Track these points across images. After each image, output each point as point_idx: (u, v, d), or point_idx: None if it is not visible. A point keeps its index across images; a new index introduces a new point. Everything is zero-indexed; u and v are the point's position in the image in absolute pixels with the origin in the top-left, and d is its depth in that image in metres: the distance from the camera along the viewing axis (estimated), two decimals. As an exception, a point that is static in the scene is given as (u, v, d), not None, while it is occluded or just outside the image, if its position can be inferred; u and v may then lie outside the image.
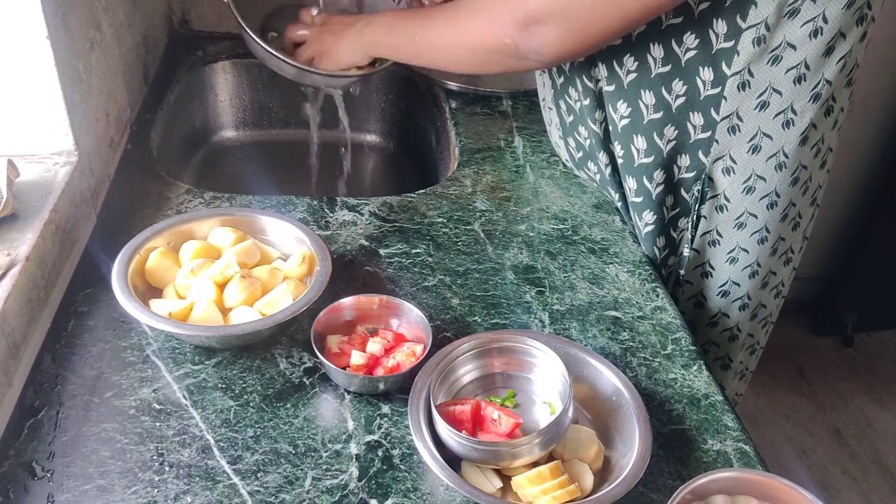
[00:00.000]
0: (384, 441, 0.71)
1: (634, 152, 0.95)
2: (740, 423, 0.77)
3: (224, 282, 0.80)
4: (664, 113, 0.90)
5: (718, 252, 0.99)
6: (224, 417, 0.72)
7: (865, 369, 2.32)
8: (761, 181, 0.92)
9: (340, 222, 0.98)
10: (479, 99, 1.31)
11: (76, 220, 0.88)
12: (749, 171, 0.91)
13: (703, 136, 0.90)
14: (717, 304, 1.04)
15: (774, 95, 0.86)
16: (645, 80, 0.89)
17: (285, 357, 0.79)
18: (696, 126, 0.90)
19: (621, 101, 0.93)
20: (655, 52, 0.87)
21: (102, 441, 0.68)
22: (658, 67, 0.88)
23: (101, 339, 0.78)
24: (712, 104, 0.87)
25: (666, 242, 1.01)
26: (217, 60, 1.41)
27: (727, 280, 1.01)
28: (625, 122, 0.93)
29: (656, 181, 0.96)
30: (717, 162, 0.92)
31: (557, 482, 0.65)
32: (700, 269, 1.02)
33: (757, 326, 1.09)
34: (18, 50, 0.81)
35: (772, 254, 1.00)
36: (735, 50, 0.83)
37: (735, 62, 0.84)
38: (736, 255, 0.98)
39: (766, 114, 0.87)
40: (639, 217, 1.00)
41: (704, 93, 0.87)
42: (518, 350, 0.77)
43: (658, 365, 0.83)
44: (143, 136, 1.13)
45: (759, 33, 0.81)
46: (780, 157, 0.90)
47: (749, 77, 0.85)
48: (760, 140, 0.89)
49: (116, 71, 1.07)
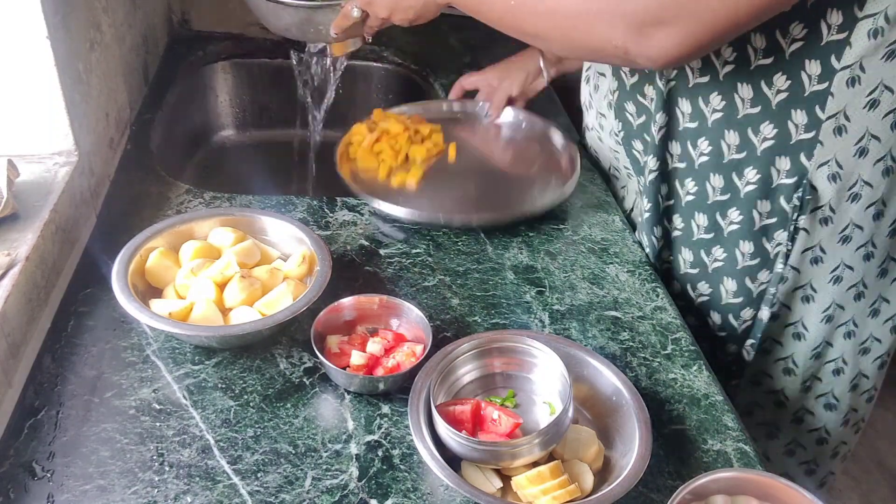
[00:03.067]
0: (384, 441, 0.71)
1: (724, 148, 0.88)
2: (740, 424, 0.77)
3: (224, 282, 0.80)
4: (762, 109, 0.84)
5: (821, 271, 0.91)
6: (224, 417, 0.72)
7: (865, 369, 2.32)
8: (867, 187, 0.84)
9: (340, 222, 0.98)
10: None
11: (76, 220, 0.88)
12: (855, 176, 0.84)
13: (806, 137, 0.83)
14: (818, 329, 0.95)
15: (885, 93, 0.79)
16: (743, 72, 0.83)
17: (285, 357, 0.79)
18: (798, 125, 0.83)
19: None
20: (757, 43, 0.80)
21: (102, 441, 0.68)
22: (759, 59, 0.81)
23: (101, 339, 0.78)
24: (818, 101, 0.81)
25: (755, 250, 0.92)
26: (217, 60, 1.41)
27: (831, 303, 0.93)
28: (717, 115, 0.87)
29: (748, 179, 0.88)
30: (821, 168, 0.84)
31: (557, 482, 0.65)
32: (799, 292, 0.93)
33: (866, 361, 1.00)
34: (18, 50, 0.81)
35: (880, 276, 0.92)
36: (847, 42, 0.76)
37: (846, 55, 0.77)
38: (840, 274, 0.90)
39: (874, 113, 0.80)
40: (722, 216, 0.92)
41: (809, 88, 0.80)
42: (518, 350, 0.77)
43: (658, 365, 0.83)
44: (143, 136, 1.13)
45: (877, 25, 0.75)
46: (888, 162, 0.83)
47: (860, 72, 0.78)
48: (868, 142, 0.82)
49: (116, 71, 1.07)
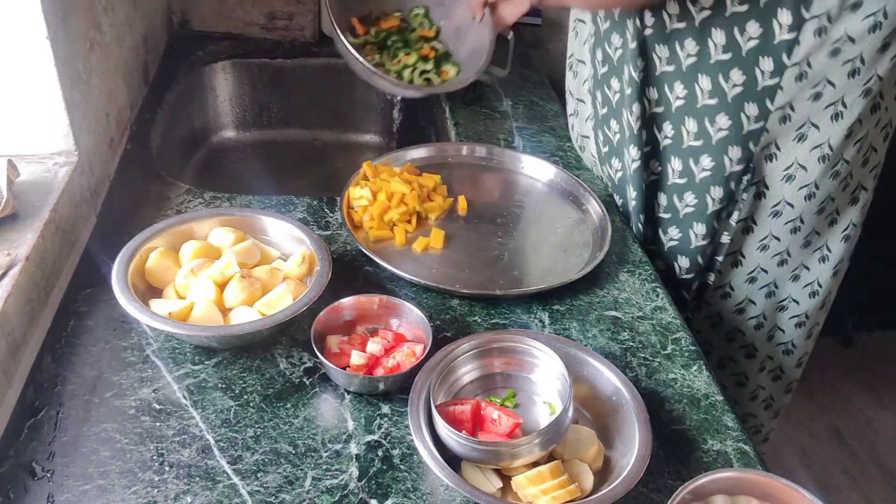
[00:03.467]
0: (384, 441, 0.71)
1: (685, 134, 0.94)
2: (740, 423, 0.77)
3: (224, 282, 0.80)
4: (719, 101, 0.90)
5: (751, 240, 0.99)
6: (224, 417, 0.72)
7: (865, 369, 2.32)
8: (802, 170, 0.92)
9: (340, 222, 0.98)
10: (480, 99, 1.31)
11: (76, 220, 0.88)
12: (792, 158, 0.91)
13: (756, 127, 0.90)
14: (743, 290, 1.03)
15: (828, 87, 0.86)
16: (704, 65, 0.89)
17: (285, 357, 0.79)
18: (749, 117, 0.89)
19: (678, 82, 0.92)
20: (717, 39, 0.87)
21: (102, 441, 0.68)
22: (718, 54, 0.87)
23: (101, 339, 0.78)
24: (768, 95, 0.87)
25: (706, 231, 0.99)
26: (217, 60, 1.41)
27: (756, 266, 1.01)
28: (679, 102, 0.92)
29: (702, 166, 0.95)
30: (763, 150, 0.92)
31: (557, 482, 0.65)
32: (730, 259, 1.01)
33: (789, 323, 1.07)
34: (18, 50, 0.81)
35: (804, 245, 1.00)
36: (797, 40, 0.83)
37: (795, 52, 0.84)
38: (768, 243, 0.98)
39: (817, 104, 0.87)
40: (678, 198, 0.99)
41: (762, 83, 0.86)
42: (518, 350, 0.77)
43: (658, 365, 0.83)
44: (143, 136, 1.13)
45: (821, 24, 0.81)
46: (825, 149, 0.90)
47: (807, 68, 0.85)
48: (808, 129, 0.89)
49: (116, 71, 1.07)
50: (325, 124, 1.52)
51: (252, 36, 1.45)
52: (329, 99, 1.50)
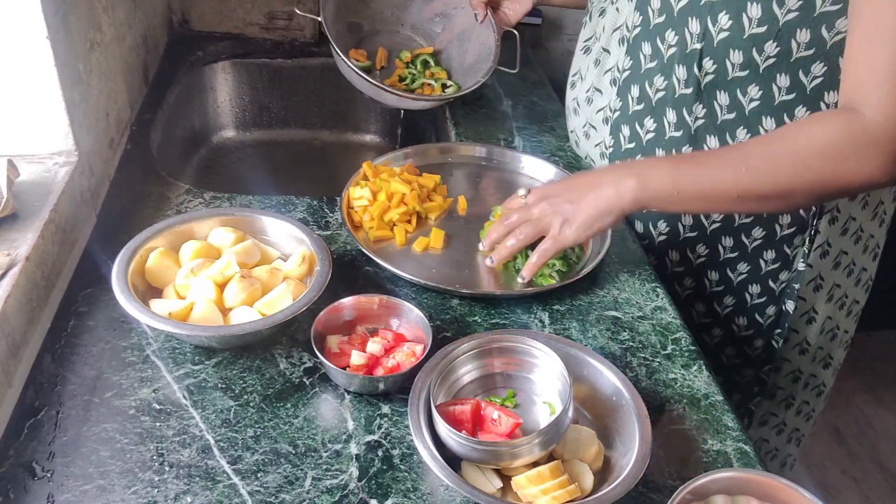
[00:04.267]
0: (384, 441, 0.71)
1: None
2: (740, 424, 0.77)
3: (224, 282, 0.80)
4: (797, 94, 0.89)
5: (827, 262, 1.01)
6: (224, 417, 0.72)
7: (865, 369, 2.32)
8: None
9: (341, 222, 0.98)
10: (479, 99, 1.31)
11: (76, 220, 0.88)
12: None
13: None
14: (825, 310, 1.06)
15: None
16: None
17: (285, 357, 0.79)
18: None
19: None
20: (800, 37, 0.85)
21: (102, 441, 0.68)
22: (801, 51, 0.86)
23: (101, 340, 0.78)
24: None
25: (777, 256, 1.00)
26: (217, 60, 1.41)
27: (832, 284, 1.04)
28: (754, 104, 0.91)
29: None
30: None
31: (557, 482, 0.65)
32: (812, 284, 1.02)
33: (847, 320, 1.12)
34: (18, 50, 0.81)
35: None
36: None
37: None
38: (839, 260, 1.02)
39: None
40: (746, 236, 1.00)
41: None
42: (518, 350, 0.77)
43: (658, 365, 0.83)
44: (143, 136, 1.13)
45: None
46: None
47: None
48: None
49: (116, 71, 1.07)
50: (324, 124, 1.52)
51: (252, 36, 1.45)
52: (329, 99, 1.50)
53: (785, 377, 1.11)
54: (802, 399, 1.15)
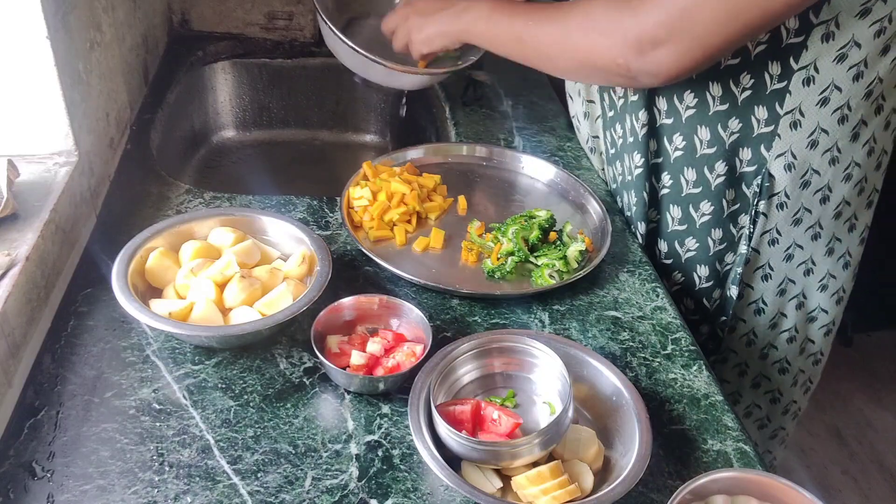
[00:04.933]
0: (384, 441, 0.71)
1: (697, 143, 0.94)
2: (740, 423, 0.77)
3: (224, 282, 0.80)
4: (729, 106, 0.90)
5: (777, 251, 0.98)
6: (224, 417, 0.72)
7: (865, 369, 2.32)
8: (816, 175, 0.92)
9: (340, 222, 0.98)
10: (480, 98, 1.31)
11: (76, 220, 0.88)
12: (806, 166, 0.91)
13: (766, 131, 0.90)
14: (776, 304, 1.02)
15: (835, 92, 0.86)
16: (713, 71, 0.89)
17: (285, 357, 0.79)
18: (759, 120, 0.90)
19: (688, 91, 0.92)
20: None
21: (102, 441, 0.68)
22: (727, 61, 0.87)
23: (101, 339, 0.78)
24: (777, 98, 0.87)
25: (723, 236, 0.99)
26: (217, 60, 1.41)
27: (784, 277, 1.00)
28: (690, 111, 0.92)
29: (717, 172, 0.95)
30: (778, 158, 0.91)
31: (557, 482, 0.65)
32: (760, 272, 1.00)
33: (817, 332, 1.07)
34: (18, 50, 0.81)
35: (827, 254, 0.99)
36: (804, 45, 0.83)
37: (803, 57, 0.84)
38: (792, 252, 0.98)
39: (825, 109, 0.87)
40: (695, 208, 0.98)
41: (770, 87, 0.87)
42: (518, 350, 0.77)
43: (658, 365, 0.83)
44: (143, 136, 1.13)
45: (829, 30, 0.82)
46: (834, 152, 0.90)
47: (814, 73, 0.85)
48: (819, 135, 0.89)
49: (116, 71, 1.07)
50: (324, 124, 1.52)
51: (252, 36, 1.45)
52: (329, 99, 1.50)
53: (732, 370, 1.09)
54: (752, 400, 1.12)
